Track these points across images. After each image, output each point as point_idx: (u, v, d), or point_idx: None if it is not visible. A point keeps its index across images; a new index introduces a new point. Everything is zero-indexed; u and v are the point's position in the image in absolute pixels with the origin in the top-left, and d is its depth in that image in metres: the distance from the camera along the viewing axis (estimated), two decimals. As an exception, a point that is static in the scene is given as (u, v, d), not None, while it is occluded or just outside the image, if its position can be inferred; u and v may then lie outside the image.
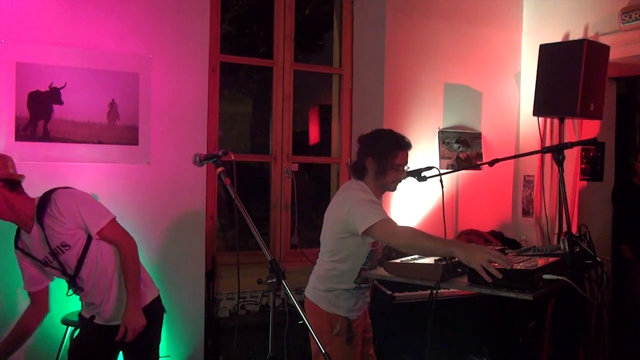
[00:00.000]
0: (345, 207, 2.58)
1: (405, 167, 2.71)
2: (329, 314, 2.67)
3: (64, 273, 2.59)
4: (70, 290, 2.66)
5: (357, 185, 2.69)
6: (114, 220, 2.59)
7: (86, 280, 2.59)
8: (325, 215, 2.74)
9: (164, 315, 2.80)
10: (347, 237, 2.60)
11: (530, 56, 4.57)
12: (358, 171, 2.71)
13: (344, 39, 4.56)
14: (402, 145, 2.67)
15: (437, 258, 2.47)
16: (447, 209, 4.13)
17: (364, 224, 2.44)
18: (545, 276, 2.12)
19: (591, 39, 4.06)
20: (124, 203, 3.42)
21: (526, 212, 4.75)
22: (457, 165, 4.46)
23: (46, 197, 2.49)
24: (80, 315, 2.77)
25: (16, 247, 2.58)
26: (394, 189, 2.76)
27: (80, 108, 3.43)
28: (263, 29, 4.50)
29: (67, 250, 2.51)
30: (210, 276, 3.89)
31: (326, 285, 2.69)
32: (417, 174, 2.91)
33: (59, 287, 3.33)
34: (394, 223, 2.51)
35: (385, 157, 2.64)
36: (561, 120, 4.01)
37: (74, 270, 2.55)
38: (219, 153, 2.20)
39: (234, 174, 2.10)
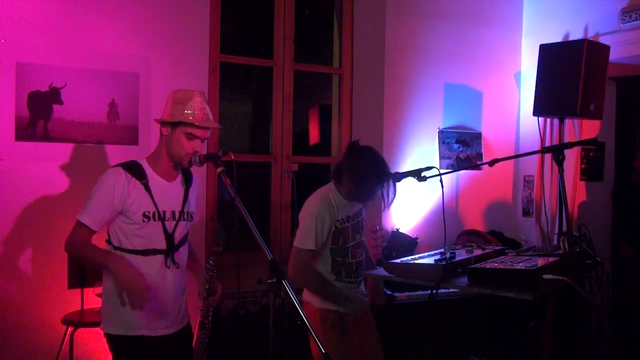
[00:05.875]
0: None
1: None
2: (320, 310, 2.78)
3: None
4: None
5: (318, 196, 2.82)
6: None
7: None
8: None
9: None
10: None
11: (530, 56, 4.57)
12: (336, 176, 2.87)
13: (344, 39, 4.56)
14: (383, 184, 2.79)
15: (437, 258, 2.47)
16: (447, 209, 4.13)
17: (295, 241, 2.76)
18: (545, 276, 2.12)
19: (591, 39, 4.06)
20: (124, 203, 3.40)
21: (526, 212, 4.74)
22: (457, 165, 4.46)
23: None
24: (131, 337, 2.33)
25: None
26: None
27: (80, 108, 3.43)
28: (263, 29, 4.49)
29: None
30: (210, 276, 3.88)
31: None
32: (417, 174, 2.90)
33: (59, 286, 3.33)
34: (297, 255, 2.73)
35: (361, 187, 2.79)
36: (561, 120, 4.01)
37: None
38: (219, 153, 2.20)
39: (233, 174, 2.10)
